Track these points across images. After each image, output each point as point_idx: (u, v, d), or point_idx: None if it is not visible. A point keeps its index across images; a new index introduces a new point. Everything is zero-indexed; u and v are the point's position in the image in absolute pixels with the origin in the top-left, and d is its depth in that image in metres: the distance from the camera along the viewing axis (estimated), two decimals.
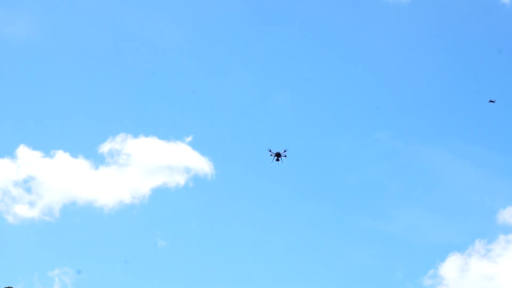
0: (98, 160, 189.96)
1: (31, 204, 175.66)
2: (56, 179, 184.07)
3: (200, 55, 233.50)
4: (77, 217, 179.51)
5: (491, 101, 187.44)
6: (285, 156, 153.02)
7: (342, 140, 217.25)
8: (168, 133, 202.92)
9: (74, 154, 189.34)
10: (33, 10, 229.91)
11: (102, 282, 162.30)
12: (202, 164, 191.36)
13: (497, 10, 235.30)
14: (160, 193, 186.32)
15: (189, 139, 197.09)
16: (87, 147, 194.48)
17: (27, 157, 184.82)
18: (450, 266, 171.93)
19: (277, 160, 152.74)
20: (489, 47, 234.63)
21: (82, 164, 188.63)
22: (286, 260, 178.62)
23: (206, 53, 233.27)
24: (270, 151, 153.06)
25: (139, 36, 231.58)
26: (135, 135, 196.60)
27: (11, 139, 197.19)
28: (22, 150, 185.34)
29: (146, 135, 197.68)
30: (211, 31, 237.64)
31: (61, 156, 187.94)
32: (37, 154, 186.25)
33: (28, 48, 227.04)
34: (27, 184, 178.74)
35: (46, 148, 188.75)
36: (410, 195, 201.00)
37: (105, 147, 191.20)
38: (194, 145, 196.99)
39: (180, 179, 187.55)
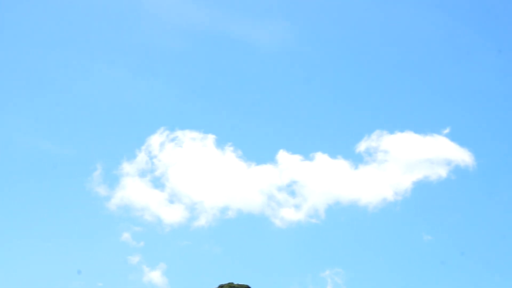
0: (357, 159, 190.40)
1: (297, 207, 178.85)
2: (318, 181, 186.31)
3: None
4: (342, 218, 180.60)
5: None
6: None
7: None
8: (423, 126, 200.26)
9: (332, 155, 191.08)
10: (285, 17, 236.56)
11: (373, 281, 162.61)
12: (462, 156, 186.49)
13: None
14: (422, 187, 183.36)
15: (446, 131, 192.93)
16: (344, 147, 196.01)
17: (288, 162, 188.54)
18: None
19: None
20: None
21: (341, 164, 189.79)
22: None
23: None
24: None
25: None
26: (391, 131, 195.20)
27: (271, 145, 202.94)
28: (282, 155, 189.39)
29: (402, 131, 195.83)
30: None
31: (320, 158, 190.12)
32: (297, 157, 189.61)
33: (279, 55, 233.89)
34: (290, 188, 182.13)
35: (305, 151, 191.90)
36: None
37: (361, 146, 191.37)
38: (452, 136, 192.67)
39: (442, 172, 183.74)
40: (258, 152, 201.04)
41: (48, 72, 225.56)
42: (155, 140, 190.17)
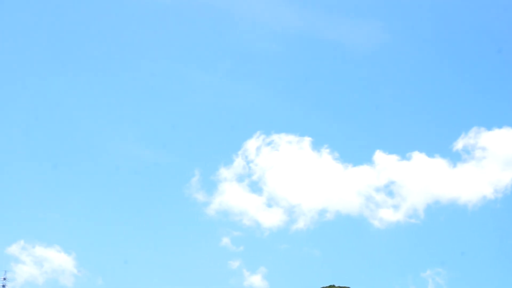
0: (455, 157, 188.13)
1: (395, 207, 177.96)
2: (416, 180, 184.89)
3: None
4: (441, 217, 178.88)
5: None
6: None
7: None
8: None
9: (430, 154, 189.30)
10: (379, 17, 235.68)
11: (475, 281, 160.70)
12: None
13: None
14: None
15: None
16: (441, 146, 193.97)
17: (385, 162, 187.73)
18: None
19: None
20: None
21: (439, 163, 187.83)
22: None
23: None
24: None
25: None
26: (488, 128, 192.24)
27: (367, 145, 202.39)
28: (379, 156, 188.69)
29: (499, 127, 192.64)
30: None
31: (418, 157, 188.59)
32: (394, 157, 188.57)
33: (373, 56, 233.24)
34: (388, 188, 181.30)
35: (402, 151, 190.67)
36: None
37: (459, 144, 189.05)
38: None
39: None
40: (355, 153, 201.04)
41: (147, 80, 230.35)
42: (252, 144, 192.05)
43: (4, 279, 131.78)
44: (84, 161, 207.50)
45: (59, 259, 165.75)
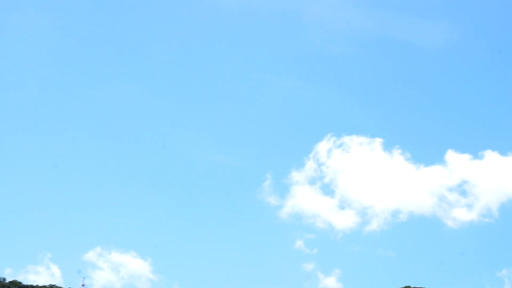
0: None
1: (469, 207, 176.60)
2: (489, 179, 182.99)
3: None
4: None
5: None
6: None
7: None
8: None
9: (503, 152, 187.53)
10: (448, 17, 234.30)
11: None
12: None
13: None
14: None
15: None
16: None
17: (457, 162, 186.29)
18: None
19: None
20: None
21: None
22: None
23: None
24: None
25: None
26: None
27: (438, 145, 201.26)
28: (451, 155, 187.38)
29: None
30: None
31: (490, 155, 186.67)
32: (466, 157, 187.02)
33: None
34: (461, 188, 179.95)
35: (474, 150, 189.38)
36: None
37: None
38: None
39: None
40: (426, 154, 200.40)
41: (219, 85, 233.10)
42: (323, 147, 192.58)
43: (83, 285, 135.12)
44: (159, 167, 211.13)
45: (135, 265, 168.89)
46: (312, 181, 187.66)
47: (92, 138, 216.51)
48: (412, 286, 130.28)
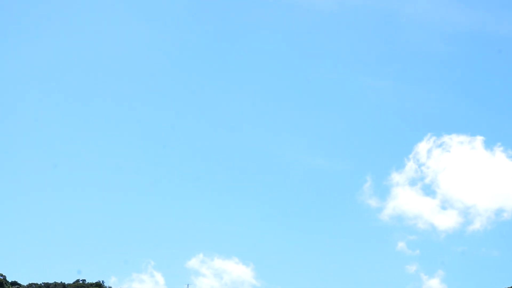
0: None
1: None
2: None
3: None
4: None
5: None
6: None
7: None
8: None
9: None
10: None
11: None
12: None
13: None
14: None
15: None
16: None
17: None
18: None
19: None
20: None
21: None
22: None
23: None
24: None
25: None
26: None
27: None
28: None
29: None
30: None
31: None
32: None
33: None
34: None
35: None
36: None
37: None
38: None
39: None
40: None
41: (316, 88, 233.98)
42: (423, 147, 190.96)
43: None
44: (259, 172, 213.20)
45: (238, 271, 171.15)
46: (412, 182, 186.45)
47: (198, 148, 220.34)
48: None
